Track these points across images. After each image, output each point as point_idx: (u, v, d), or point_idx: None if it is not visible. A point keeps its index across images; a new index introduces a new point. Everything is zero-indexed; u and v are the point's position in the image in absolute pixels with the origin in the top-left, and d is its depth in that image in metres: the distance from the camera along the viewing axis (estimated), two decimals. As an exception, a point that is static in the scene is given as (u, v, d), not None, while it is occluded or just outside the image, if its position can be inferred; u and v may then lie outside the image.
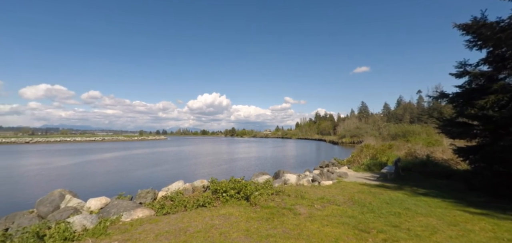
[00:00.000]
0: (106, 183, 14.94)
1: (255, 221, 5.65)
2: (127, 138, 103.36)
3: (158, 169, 20.97)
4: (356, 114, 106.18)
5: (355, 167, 15.79)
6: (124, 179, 16.27)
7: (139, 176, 17.41)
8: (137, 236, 4.85)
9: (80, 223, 5.08)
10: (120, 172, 19.49)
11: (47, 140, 75.55)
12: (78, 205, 6.98)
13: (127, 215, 5.91)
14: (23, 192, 12.61)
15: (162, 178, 16.44)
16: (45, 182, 15.16)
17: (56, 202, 7.21)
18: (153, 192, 8.02)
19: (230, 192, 7.36)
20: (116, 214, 5.98)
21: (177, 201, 7.00)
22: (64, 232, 4.63)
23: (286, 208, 6.59)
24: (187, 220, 5.73)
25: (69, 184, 13.64)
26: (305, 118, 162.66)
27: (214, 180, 8.39)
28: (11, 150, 42.80)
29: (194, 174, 18.28)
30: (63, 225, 4.78)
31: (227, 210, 6.39)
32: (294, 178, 10.38)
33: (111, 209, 6.31)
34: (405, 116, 75.72)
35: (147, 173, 18.78)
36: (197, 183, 9.02)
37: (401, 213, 6.29)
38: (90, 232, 4.97)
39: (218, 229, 5.16)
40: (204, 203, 6.91)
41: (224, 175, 16.65)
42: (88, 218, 5.31)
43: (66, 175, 17.95)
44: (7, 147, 50.10)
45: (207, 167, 22.49)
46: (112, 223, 5.58)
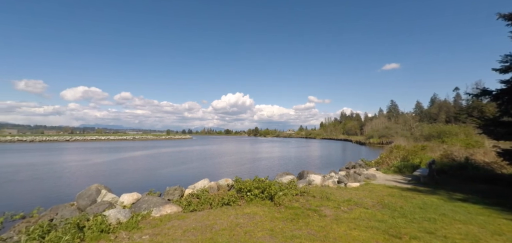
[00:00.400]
0: (137, 180, 15.78)
1: (279, 221, 5.62)
2: (155, 137, 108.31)
3: (184, 167, 21.71)
4: (385, 114, 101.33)
5: (384, 169, 15.06)
6: (153, 176, 17.06)
7: (167, 174, 18.15)
8: (166, 231, 5.05)
9: (115, 216, 5.42)
10: (149, 169, 20.48)
11: (84, 139, 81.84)
12: (113, 200, 7.45)
13: (156, 210, 6.19)
14: (65, 186, 13.74)
15: (188, 176, 16.98)
16: (83, 178, 16.40)
17: (93, 196, 7.76)
18: (180, 189, 8.32)
19: (254, 192, 7.40)
20: (146, 209, 6.29)
21: (203, 199, 7.18)
22: (101, 224, 4.97)
23: (311, 210, 6.47)
24: (213, 218, 5.85)
25: (104, 179, 14.59)
26: (329, 118, 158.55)
27: (238, 179, 8.49)
28: (54, 147, 46.94)
29: (219, 172, 18.64)
30: (100, 218, 5.13)
31: (252, 209, 6.43)
32: (319, 179, 10.16)
33: (142, 204, 6.65)
34: (440, 116, 70.63)
35: (174, 171, 19.52)
36: (222, 181, 9.19)
37: (437, 219, 5.87)
38: (123, 225, 5.28)
39: (243, 227, 5.20)
40: (229, 202, 7.01)
41: (247, 174, 16.79)
42: (121, 212, 5.64)
43: (101, 171, 19.26)
44: (51, 145, 55.05)
45: (231, 166, 22.82)
46: (143, 218, 5.87)
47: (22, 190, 12.67)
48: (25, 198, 11.18)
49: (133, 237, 4.79)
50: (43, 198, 10.94)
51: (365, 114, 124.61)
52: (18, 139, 70.23)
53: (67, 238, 4.24)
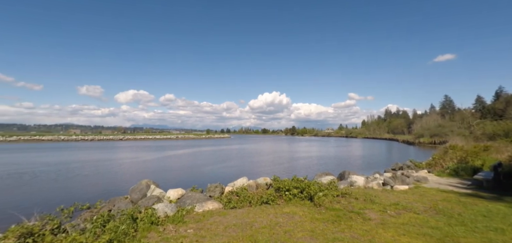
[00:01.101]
0: (181, 176, 16.82)
1: (320, 222, 5.47)
2: (196, 136, 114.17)
3: (223, 165, 22.47)
4: (437, 110, 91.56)
5: (437, 172, 13.63)
6: (195, 173, 18.01)
7: (208, 171, 18.98)
8: (209, 226, 5.29)
9: (163, 210, 5.85)
10: (191, 167, 21.67)
11: (135, 138, 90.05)
12: (160, 195, 8.04)
13: (199, 206, 6.51)
14: (120, 181, 15.29)
15: (228, 174, 17.52)
16: (134, 173, 18.06)
17: (144, 191, 8.47)
18: (220, 186, 8.63)
19: (293, 191, 7.32)
20: (190, 204, 6.66)
21: (242, 196, 7.34)
22: (151, 217, 5.41)
23: (353, 212, 6.16)
24: (253, 216, 5.95)
25: (152, 175, 15.84)
26: (372, 116, 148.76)
27: (277, 178, 8.48)
28: (110, 146, 52.57)
29: (257, 171, 18.88)
30: (150, 211, 5.59)
31: (291, 209, 6.37)
32: (361, 180, 9.63)
33: (186, 200, 7.06)
34: (508, 111, 61.23)
35: (214, 169, 20.32)
36: (260, 180, 9.28)
37: (505, 230, 5.11)
38: (170, 218, 5.67)
39: (283, 227, 5.18)
40: (268, 201, 7.05)
41: (285, 173, 16.68)
42: (168, 207, 6.07)
43: (150, 167, 20.99)
44: (107, 143, 61.78)
45: (269, 165, 22.92)
46: (188, 213, 6.23)
47: (87, 184, 14.45)
48: (89, 190, 12.74)
49: (179, 230, 5.11)
50: (103, 190, 12.34)
51: (413, 111, 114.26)
52: (81, 138, 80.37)
53: (123, 227, 4.70)
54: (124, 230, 4.65)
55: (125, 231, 4.67)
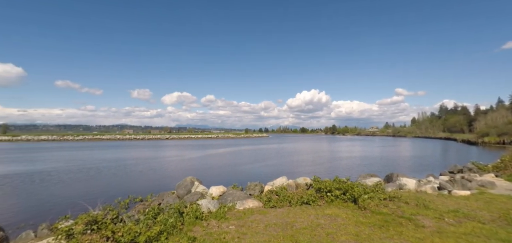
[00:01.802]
0: (222, 174, 17.45)
1: (365, 226, 5.15)
2: (235, 136, 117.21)
3: (262, 164, 22.66)
4: (506, 105, 79.28)
5: (506, 176, 11.78)
6: (235, 172, 18.51)
7: (247, 170, 19.34)
8: (249, 224, 5.38)
9: (206, 206, 6.13)
10: (231, 165, 22.33)
11: (179, 137, 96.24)
12: (203, 191, 8.44)
13: (240, 204, 6.66)
14: (167, 177, 16.48)
15: (266, 173, 17.62)
16: (180, 170, 19.29)
17: (188, 187, 8.98)
18: (260, 185, 8.71)
19: (335, 193, 7.04)
20: (231, 202, 6.86)
21: (282, 196, 7.31)
22: (195, 212, 5.71)
23: (404, 217, 5.67)
24: (293, 216, 5.88)
25: (195, 172, 16.73)
26: (424, 113, 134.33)
27: (317, 178, 8.25)
28: (158, 144, 57.04)
29: (296, 171, 18.61)
30: (194, 206, 5.90)
31: (333, 211, 6.13)
32: (412, 183, 8.81)
33: (228, 197, 7.29)
34: None
35: (253, 168, 20.62)
36: (300, 180, 9.12)
37: None
38: (213, 214, 5.91)
39: (324, 229, 5.01)
40: (308, 201, 6.89)
41: (326, 174, 16.15)
42: (211, 203, 6.34)
43: (193, 165, 22.22)
44: (155, 142, 67.16)
45: (308, 165, 22.43)
46: (229, 210, 6.43)
47: (140, 178, 15.92)
48: (141, 184, 14.01)
49: (222, 226, 5.29)
50: (153, 185, 13.43)
51: (475, 107, 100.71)
52: (133, 137, 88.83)
53: (172, 221, 5.05)
54: (172, 223, 4.99)
55: (173, 224, 5.00)
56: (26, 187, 13.31)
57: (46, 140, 72.38)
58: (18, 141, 70.18)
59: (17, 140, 72.47)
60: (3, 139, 71.48)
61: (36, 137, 76.93)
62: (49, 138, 77.36)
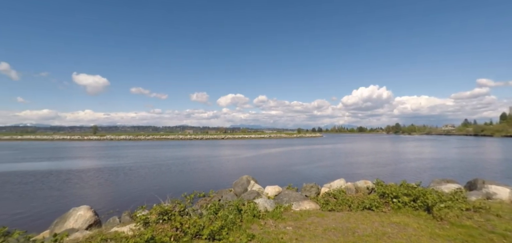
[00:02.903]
0: (276, 174, 17.54)
1: (443, 239, 4.49)
2: (288, 136, 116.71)
3: (316, 165, 21.96)
4: None
5: None
6: (288, 172, 18.39)
7: (301, 170, 19.00)
8: (307, 226, 5.25)
9: (263, 205, 6.23)
10: (285, 165, 22.26)
11: (234, 137, 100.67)
12: (259, 190, 8.62)
13: (296, 205, 6.58)
14: (224, 175, 17.39)
15: (322, 174, 17.00)
16: (236, 168, 20.15)
17: (245, 185, 9.28)
18: (316, 187, 8.45)
19: (402, 199, 6.34)
20: (287, 202, 6.82)
21: (340, 199, 6.94)
22: (253, 210, 5.86)
23: (495, 233, 4.74)
24: (354, 221, 5.51)
25: (251, 171, 17.22)
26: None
27: (380, 182, 7.56)
28: (214, 144, 60.71)
29: (354, 173, 17.46)
30: (252, 205, 6.06)
31: (401, 219, 5.53)
32: (506, 192, 7.32)
33: (283, 197, 7.28)
34: None
35: (307, 168, 20.14)
36: (360, 183, 8.51)
37: None
38: (269, 214, 5.98)
39: (392, 238, 4.55)
40: (371, 206, 6.38)
41: (390, 177, 14.72)
42: (267, 202, 6.42)
43: (248, 164, 22.94)
44: (212, 142, 71.69)
45: (368, 167, 20.78)
46: (285, 210, 6.41)
47: (201, 175, 17.23)
48: (203, 181, 15.13)
49: (278, 226, 5.31)
50: (213, 182, 14.36)
51: None
52: (193, 137, 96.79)
53: (231, 217, 5.29)
54: (232, 219, 5.23)
55: (233, 220, 5.24)
56: (114, 179, 15.80)
57: (125, 140, 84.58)
58: (104, 140, 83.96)
59: (103, 139, 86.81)
60: (93, 138, 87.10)
61: (117, 137, 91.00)
62: (126, 137, 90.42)
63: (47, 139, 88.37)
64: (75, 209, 7.10)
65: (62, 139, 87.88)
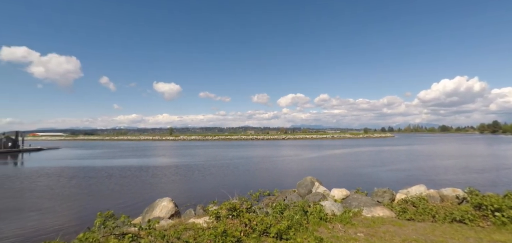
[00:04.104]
0: (341, 176, 16.63)
1: None
2: (353, 136, 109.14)
3: (388, 169, 19.86)
4: None
5: None
6: (355, 174, 17.17)
7: (370, 173, 17.50)
8: (381, 235, 4.81)
9: (330, 208, 6.00)
10: (350, 167, 20.87)
11: (294, 137, 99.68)
12: (324, 192, 8.32)
13: (367, 210, 6.10)
14: (286, 175, 17.42)
15: (395, 178, 15.30)
16: (298, 169, 19.94)
17: (309, 187, 9.10)
18: (390, 192, 7.65)
19: (508, 213, 5.17)
20: (357, 207, 6.39)
21: (421, 208, 6.10)
22: (319, 212, 5.70)
23: None
24: (440, 234, 4.78)
25: (314, 172, 16.73)
26: None
27: (475, 191, 6.33)
28: (275, 144, 61.35)
29: (437, 179, 15.08)
30: (318, 207, 5.90)
31: (507, 238, 4.51)
32: None
33: (352, 201, 6.84)
34: None
35: (377, 171, 18.40)
36: (447, 191, 7.31)
37: None
38: (337, 218, 5.71)
39: (496, 260, 3.77)
40: (463, 219, 5.41)
41: (488, 186, 12.25)
42: (335, 206, 6.15)
43: (310, 165, 22.41)
44: (273, 142, 72.64)
45: (456, 173, 17.67)
46: (354, 215, 6.01)
47: (265, 174, 17.73)
48: (266, 180, 15.51)
49: (348, 231, 5.02)
50: (276, 181, 14.56)
51: None
52: (255, 137, 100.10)
53: (298, 217, 5.27)
54: (298, 220, 5.20)
55: (299, 221, 5.21)
56: (189, 175, 17.75)
57: (195, 140, 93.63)
58: (178, 140, 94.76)
59: (178, 139, 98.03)
60: (169, 139, 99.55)
61: (188, 137, 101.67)
62: (196, 138, 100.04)
63: (135, 139, 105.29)
64: (160, 200, 8.23)
65: (146, 139, 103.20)
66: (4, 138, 41.40)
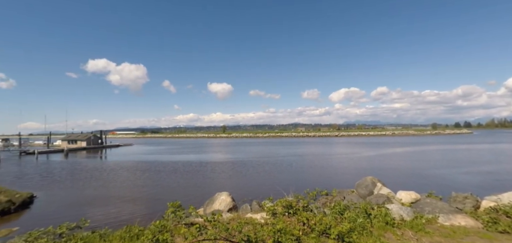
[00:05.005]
0: (406, 177, 14.99)
1: None
2: (418, 132, 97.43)
3: (466, 170, 17.06)
4: None
5: None
6: (423, 176, 15.26)
7: (442, 175, 15.33)
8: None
9: (397, 212, 5.45)
10: (417, 168, 18.63)
11: (348, 134, 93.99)
12: (389, 194, 7.61)
13: (444, 218, 5.34)
14: (343, 174, 16.53)
15: (476, 182, 13.07)
16: (355, 168, 18.73)
17: (370, 187, 8.46)
18: (473, 198, 6.55)
19: None
20: (431, 213, 5.66)
21: (519, 219, 5.06)
22: (385, 217, 5.23)
23: None
24: (550, 254, 3.87)
25: (374, 172, 15.52)
26: None
27: None
28: (328, 141, 58.83)
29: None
30: (383, 210, 5.42)
31: None
32: None
33: (424, 206, 6.09)
34: None
35: (452, 173, 15.99)
36: (556, 201, 5.90)
37: None
38: (407, 224, 5.14)
39: None
40: None
41: None
42: (403, 210, 5.56)
43: (369, 164, 20.81)
44: (325, 139, 69.76)
45: None
46: (428, 222, 5.33)
47: (319, 173, 17.22)
48: (321, 178, 15.04)
49: (422, 240, 4.47)
50: (331, 180, 13.98)
51: None
52: (305, 134, 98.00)
53: (361, 220, 4.93)
54: (361, 223, 4.87)
55: (362, 224, 4.87)
56: (244, 171, 18.48)
57: (246, 137, 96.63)
58: (231, 137, 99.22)
59: (231, 137, 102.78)
60: (223, 136, 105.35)
61: (240, 135, 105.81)
62: (247, 135, 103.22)
63: (193, 136, 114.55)
64: (219, 194, 8.73)
65: (202, 136, 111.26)
66: (92, 136, 50.11)
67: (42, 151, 37.29)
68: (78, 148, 44.81)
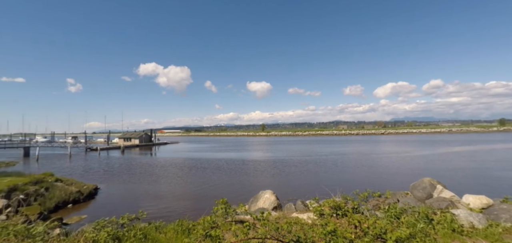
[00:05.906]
0: (469, 178, 13.33)
1: None
2: (482, 129, 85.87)
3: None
4: None
5: None
6: (491, 178, 13.37)
7: None
8: (561, 264, 3.49)
9: (466, 219, 4.84)
10: (484, 168, 16.38)
11: (396, 132, 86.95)
12: (452, 198, 6.82)
13: (527, 228, 4.58)
14: (394, 174, 15.35)
15: None
16: (409, 169, 17.24)
17: (428, 190, 7.69)
18: None
19: None
20: (508, 221, 4.91)
21: None
22: (451, 223, 4.68)
23: None
24: None
25: (431, 173, 14.06)
26: None
27: None
28: (373, 139, 55.10)
29: None
30: (449, 216, 4.86)
31: None
32: None
33: (499, 213, 5.31)
34: None
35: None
36: None
37: None
38: (480, 232, 4.53)
39: None
40: None
41: None
42: (474, 216, 4.92)
43: (424, 164, 18.99)
44: (370, 137, 65.46)
45: None
46: (506, 231, 4.63)
47: (368, 173, 16.32)
48: (370, 179, 14.20)
49: (500, 252, 3.90)
50: (382, 181, 13.12)
51: None
52: (348, 132, 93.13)
53: (422, 226, 4.49)
54: (423, 229, 4.44)
55: (424, 230, 4.43)
56: (286, 169, 18.43)
57: (285, 135, 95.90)
58: (270, 135, 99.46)
59: (270, 135, 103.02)
60: (262, 134, 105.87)
61: (280, 133, 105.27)
62: (287, 133, 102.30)
63: (233, 135, 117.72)
64: (263, 192, 8.81)
65: (242, 135, 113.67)
66: (144, 135, 55.14)
67: (103, 148, 42.29)
68: (132, 145, 49.66)
